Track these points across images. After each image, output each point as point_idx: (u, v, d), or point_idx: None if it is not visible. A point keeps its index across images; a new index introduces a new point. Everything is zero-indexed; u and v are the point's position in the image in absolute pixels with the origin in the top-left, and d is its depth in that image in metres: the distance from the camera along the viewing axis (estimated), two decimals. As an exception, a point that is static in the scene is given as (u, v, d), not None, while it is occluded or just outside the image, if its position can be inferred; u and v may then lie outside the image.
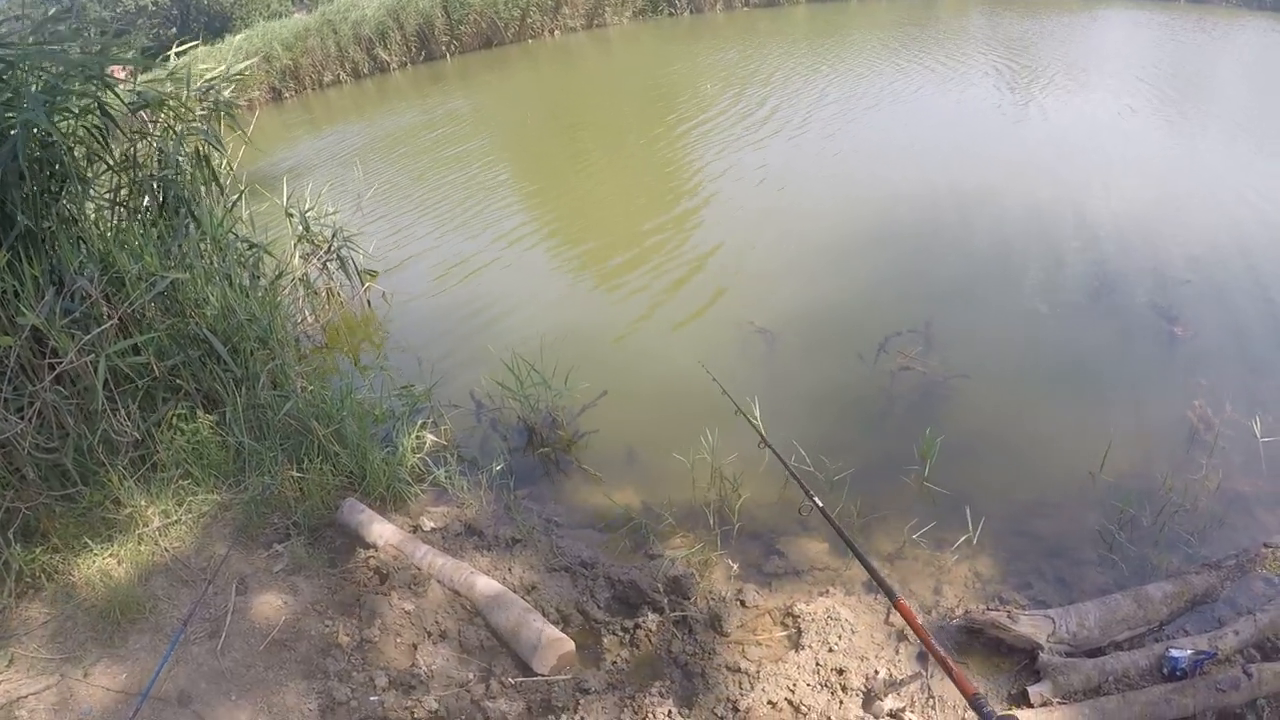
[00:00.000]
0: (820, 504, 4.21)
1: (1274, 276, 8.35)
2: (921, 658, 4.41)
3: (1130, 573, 4.96)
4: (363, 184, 12.42)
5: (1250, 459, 5.78)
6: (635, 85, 22.27)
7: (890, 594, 3.24)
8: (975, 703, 2.56)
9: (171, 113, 7.05)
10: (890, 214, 10.68)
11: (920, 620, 4.40)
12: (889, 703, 4.13)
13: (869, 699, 4.18)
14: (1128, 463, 5.78)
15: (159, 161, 6.99)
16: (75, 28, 6.50)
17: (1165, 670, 4.12)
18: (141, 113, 7.04)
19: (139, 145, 7.00)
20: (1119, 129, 13.87)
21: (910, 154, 13.17)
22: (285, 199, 9.36)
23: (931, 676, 4.26)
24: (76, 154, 6.35)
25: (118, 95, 6.57)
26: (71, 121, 6.22)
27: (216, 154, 7.33)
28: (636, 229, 11.34)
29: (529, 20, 32.24)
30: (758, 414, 6.09)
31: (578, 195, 13.26)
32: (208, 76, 7.39)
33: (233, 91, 8.10)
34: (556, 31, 33.12)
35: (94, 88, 6.27)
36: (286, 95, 28.70)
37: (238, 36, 30.17)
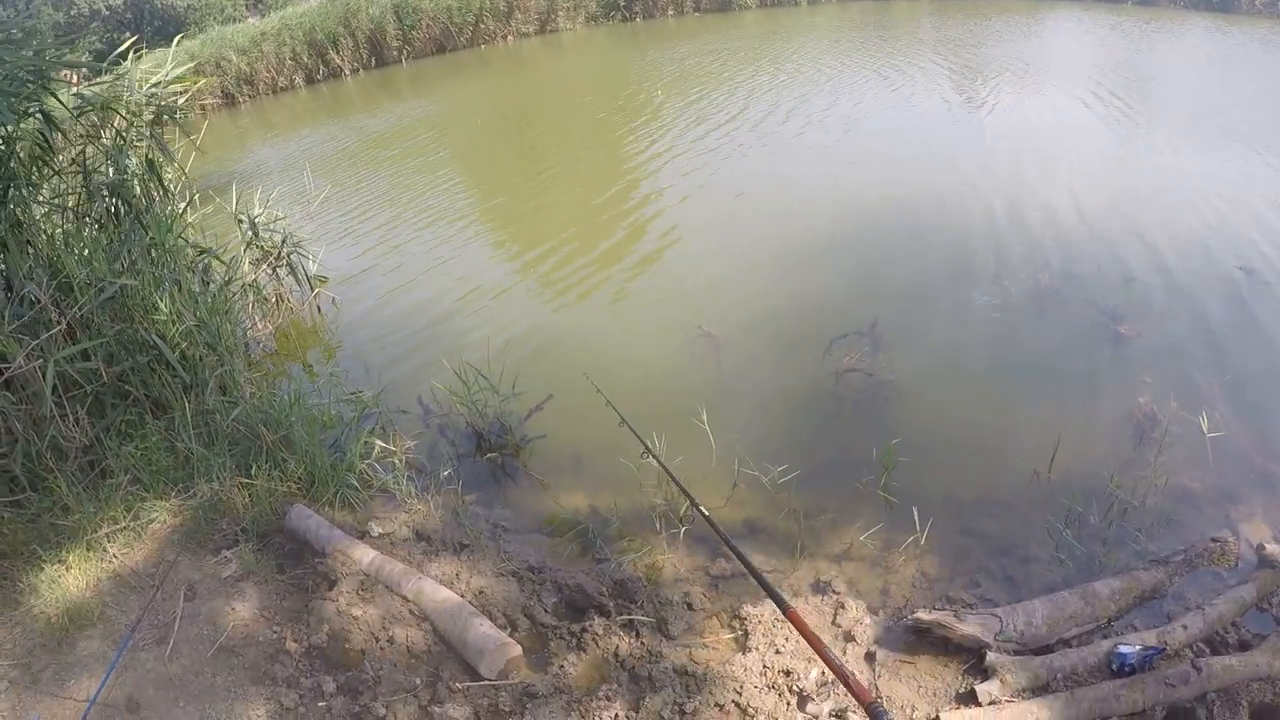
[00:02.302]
0: (706, 512, 4.23)
1: (1218, 273, 8.61)
2: (869, 658, 4.50)
3: (1078, 570, 5.09)
4: (311, 190, 12.33)
5: (1197, 455, 5.94)
6: (588, 92, 22.27)
7: (780, 603, 3.26)
8: (873, 710, 2.60)
9: (117, 117, 6.98)
10: (837, 217, 10.85)
11: (874, 622, 4.47)
12: (833, 703, 4.20)
13: (815, 700, 4.24)
14: (1076, 461, 5.92)
15: (108, 167, 6.93)
16: (27, 29, 6.43)
17: (1114, 666, 4.23)
18: (91, 117, 6.98)
19: (88, 150, 6.94)
20: (1066, 131, 14.21)
21: (858, 158, 13.43)
22: (235, 204, 9.31)
23: (879, 676, 4.34)
24: (22, 157, 6.28)
25: (60, 100, 6.50)
26: (14, 126, 6.16)
27: (164, 159, 7.26)
28: (587, 236, 11.41)
29: (482, 26, 32.16)
30: (704, 417, 6.17)
31: (530, 203, 13.28)
32: (152, 81, 7.31)
33: (184, 98, 7.99)
34: (510, 37, 33.08)
35: (37, 91, 6.22)
36: (241, 100, 28.42)
37: (194, 41, 29.86)
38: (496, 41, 32.74)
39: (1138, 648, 4.23)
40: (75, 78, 7.08)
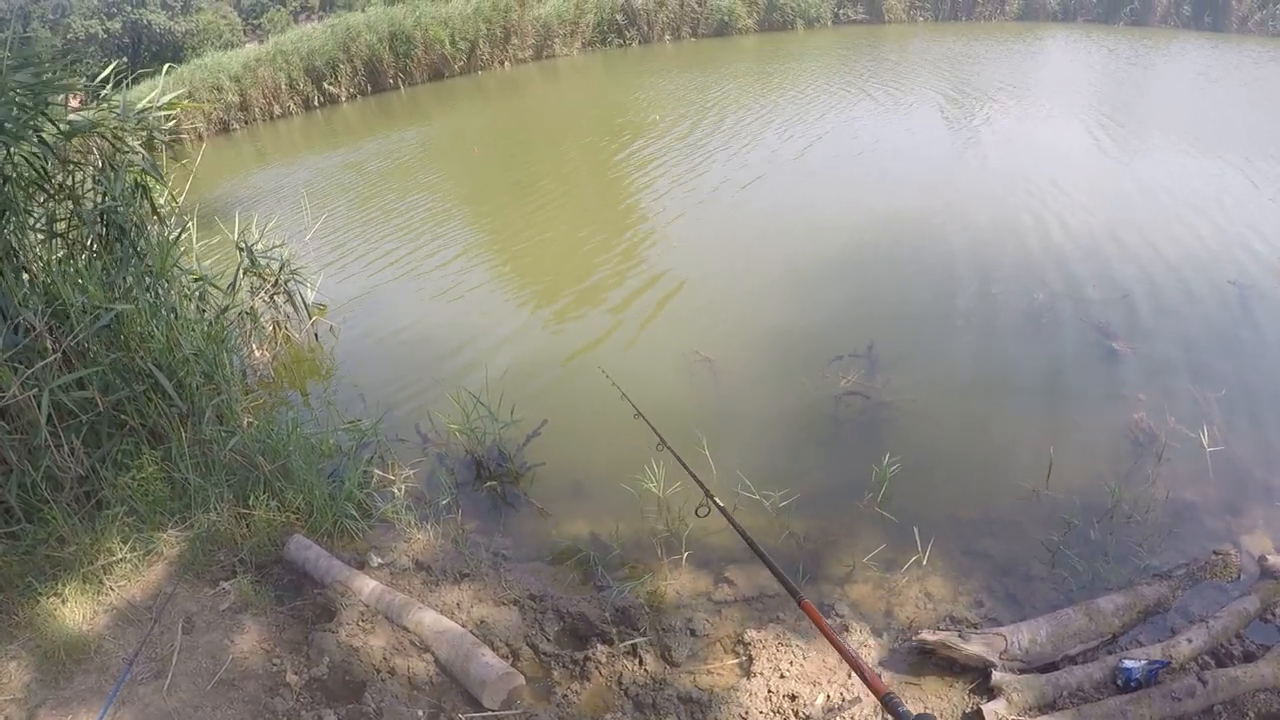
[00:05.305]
0: (720, 504, 4.22)
1: (1210, 288, 8.63)
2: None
3: (1081, 586, 5.06)
4: (309, 217, 12.32)
5: (1196, 468, 5.94)
6: (584, 117, 22.33)
7: (795, 594, 3.25)
8: (888, 703, 2.57)
9: (105, 141, 6.93)
10: (831, 240, 10.87)
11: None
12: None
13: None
14: (1076, 478, 5.92)
15: (101, 192, 6.88)
16: (23, 55, 6.37)
17: (1119, 682, 4.21)
18: (82, 141, 6.91)
19: (77, 175, 6.87)
20: (1060, 149, 14.31)
21: (853, 181, 13.48)
22: (236, 232, 9.27)
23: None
24: (18, 182, 6.23)
25: (54, 123, 6.45)
26: (8, 150, 6.10)
27: (156, 184, 7.20)
28: (583, 262, 11.39)
29: (478, 52, 32.27)
30: (704, 443, 6.14)
31: (525, 229, 13.24)
32: (140, 105, 7.26)
33: (173, 123, 7.92)
34: (506, 63, 33.20)
35: (29, 115, 6.16)
36: (235, 127, 28.42)
37: (188, 66, 29.91)
38: (494, 67, 32.86)
39: (1143, 662, 4.22)
40: (78, 102, 6.99)
